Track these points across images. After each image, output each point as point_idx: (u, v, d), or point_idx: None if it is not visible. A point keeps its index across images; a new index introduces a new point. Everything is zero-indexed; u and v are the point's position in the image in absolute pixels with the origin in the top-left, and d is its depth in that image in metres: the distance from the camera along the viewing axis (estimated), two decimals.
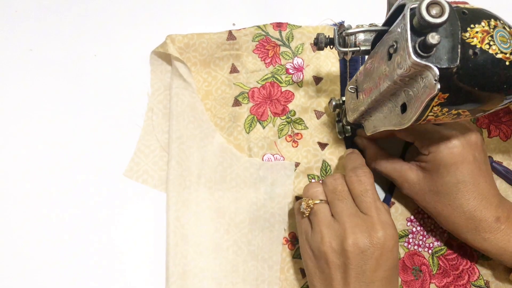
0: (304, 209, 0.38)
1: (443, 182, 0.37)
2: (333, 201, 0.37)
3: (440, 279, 0.42)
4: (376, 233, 0.34)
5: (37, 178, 0.45)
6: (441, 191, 0.37)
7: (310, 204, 0.38)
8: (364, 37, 0.34)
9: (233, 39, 0.47)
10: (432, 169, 0.37)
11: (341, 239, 0.35)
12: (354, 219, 0.35)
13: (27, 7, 0.49)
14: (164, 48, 0.45)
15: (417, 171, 0.39)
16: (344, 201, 0.37)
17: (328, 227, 0.36)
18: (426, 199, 0.39)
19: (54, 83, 0.47)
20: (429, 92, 0.27)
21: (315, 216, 0.37)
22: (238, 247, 0.43)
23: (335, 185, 0.38)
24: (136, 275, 0.43)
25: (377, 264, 0.34)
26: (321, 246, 0.35)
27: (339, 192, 0.37)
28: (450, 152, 0.36)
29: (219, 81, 0.47)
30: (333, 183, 0.38)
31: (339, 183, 0.38)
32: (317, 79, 0.47)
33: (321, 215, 0.37)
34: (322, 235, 0.36)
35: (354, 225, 0.35)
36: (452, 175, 0.36)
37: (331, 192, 0.38)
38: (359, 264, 0.34)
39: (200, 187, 0.44)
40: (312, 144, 0.46)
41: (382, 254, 0.34)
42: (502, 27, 0.27)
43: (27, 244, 0.43)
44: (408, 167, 0.40)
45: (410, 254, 0.43)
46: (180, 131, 0.44)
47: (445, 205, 0.38)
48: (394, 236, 0.35)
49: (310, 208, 0.38)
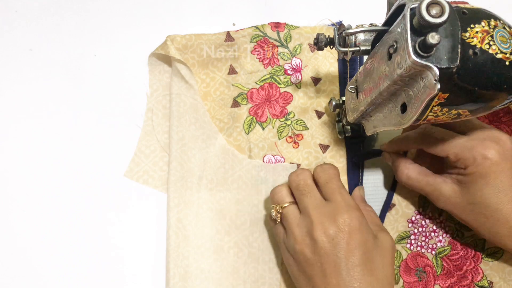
0: (275, 216, 0.38)
1: (482, 194, 0.35)
2: (299, 197, 0.37)
3: (444, 280, 0.42)
4: (342, 216, 0.35)
5: (37, 179, 0.45)
6: (481, 202, 0.36)
7: (278, 209, 0.38)
8: (364, 37, 0.34)
9: (231, 40, 0.46)
10: (470, 181, 0.36)
11: (311, 232, 0.35)
12: (320, 209, 0.36)
13: (27, 7, 0.49)
14: (165, 49, 0.45)
15: (452, 184, 0.37)
16: (308, 194, 0.37)
17: (298, 225, 0.36)
18: (465, 212, 0.37)
19: (54, 83, 0.47)
20: (429, 92, 0.27)
21: (286, 219, 0.37)
22: (239, 249, 0.43)
23: (297, 182, 0.38)
24: (136, 276, 0.43)
25: (348, 249, 0.34)
26: (296, 246, 0.36)
27: (302, 187, 0.38)
28: (487, 165, 0.35)
29: (218, 82, 0.47)
30: (295, 179, 0.38)
31: (301, 178, 0.38)
32: (315, 80, 0.47)
33: (290, 216, 0.37)
34: (295, 235, 0.36)
35: (321, 215, 0.35)
36: (492, 185, 0.35)
37: (295, 189, 0.38)
38: (333, 253, 0.34)
39: (202, 188, 0.44)
40: (313, 146, 0.45)
41: (351, 237, 0.34)
42: (502, 27, 0.27)
43: (27, 244, 0.43)
44: (442, 180, 0.38)
45: (413, 255, 0.43)
46: (182, 132, 0.44)
47: (487, 216, 0.36)
48: (358, 217, 0.35)
49: (280, 214, 0.38)
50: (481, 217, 0.37)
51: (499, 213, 0.36)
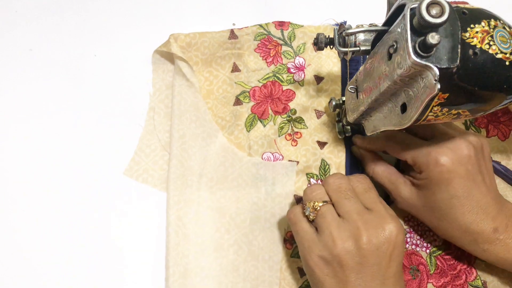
0: (310, 212, 0.36)
1: (436, 199, 0.36)
2: (340, 201, 0.36)
3: (438, 279, 0.42)
4: (388, 225, 0.34)
5: (37, 178, 0.45)
6: (435, 207, 0.37)
7: (316, 206, 0.36)
8: (364, 37, 0.34)
9: (235, 38, 0.47)
10: (424, 186, 0.37)
11: (355, 238, 0.33)
12: (364, 216, 0.34)
13: (27, 7, 0.49)
14: (167, 47, 0.45)
15: (410, 186, 0.38)
16: (351, 199, 0.36)
17: (338, 228, 0.34)
18: (421, 214, 0.39)
19: (54, 83, 0.47)
20: (429, 92, 0.27)
21: (323, 218, 0.35)
22: (238, 246, 0.43)
23: (339, 184, 0.37)
24: (136, 274, 0.43)
25: (390, 260, 0.34)
26: (334, 249, 0.34)
27: (345, 191, 0.36)
28: (439, 171, 0.35)
29: (221, 80, 0.47)
30: (336, 182, 0.37)
31: (343, 182, 0.37)
32: (318, 79, 0.47)
33: (329, 216, 0.35)
34: (334, 237, 0.34)
35: (366, 222, 0.34)
36: (444, 191, 0.36)
37: (336, 191, 0.36)
38: (375, 262, 0.33)
39: (202, 186, 0.44)
40: (311, 143, 0.46)
41: (395, 249, 0.34)
42: (502, 27, 0.27)
43: (27, 243, 0.43)
44: (403, 181, 0.39)
45: (407, 253, 0.43)
46: (183, 130, 0.44)
47: (441, 220, 0.37)
48: (403, 229, 0.35)
49: (316, 211, 0.36)
50: (435, 220, 0.38)
51: (452, 217, 0.36)
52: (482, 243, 0.36)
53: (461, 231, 0.37)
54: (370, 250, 0.33)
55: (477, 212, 0.36)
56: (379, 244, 0.33)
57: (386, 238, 0.33)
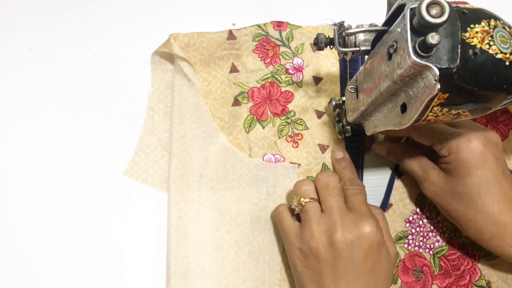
0: (295, 206, 0.39)
1: (465, 183, 0.36)
2: (325, 197, 0.38)
3: (442, 280, 0.42)
4: (365, 224, 0.35)
5: (37, 178, 0.45)
6: (464, 192, 0.36)
7: (302, 202, 0.38)
8: (364, 37, 0.34)
9: (233, 39, 0.47)
10: (454, 170, 0.36)
11: (331, 232, 0.35)
12: (344, 213, 0.36)
13: (27, 7, 0.49)
14: (168, 47, 0.45)
15: (439, 171, 0.38)
16: (336, 197, 0.37)
17: (318, 223, 0.36)
18: (448, 201, 0.37)
19: (54, 83, 0.47)
20: (429, 92, 0.27)
21: (306, 214, 0.38)
22: (239, 247, 0.43)
23: (327, 181, 0.39)
24: (137, 274, 0.43)
25: (365, 255, 0.35)
26: (311, 242, 0.36)
27: (331, 188, 0.38)
28: (471, 152, 0.35)
29: (219, 81, 0.47)
30: (325, 179, 0.39)
31: (332, 180, 0.39)
32: (316, 79, 0.47)
33: (312, 212, 0.37)
34: (312, 231, 0.36)
35: (343, 218, 0.36)
36: (474, 176, 0.35)
37: (324, 188, 0.38)
38: (348, 255, 0.35)
39: (202, 186, 0.44)
40: (313, 145, 0.46)
41: (371, 246, 0.35)
42: (502, 27, 0.27)
43: (27, 243, 0.43)
44: (432, 166, 0.39)
45: (410, 255, 0.43)
46: (184, 130, 0.44)
47: (468, 208, 0.36)
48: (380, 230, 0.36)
49: (301, 206, 0.38)
50: (462, 208, 0.37)
51: (480, 205, 0.36)
52: (509, 238, 0.35)
53: (489, 222, 0.35)
54: (344, 244, 0.34)
55: (505, 202, 0.35)
56: (353, 239, 0.35)
57: (360, 235, 0.35)
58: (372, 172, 0.45)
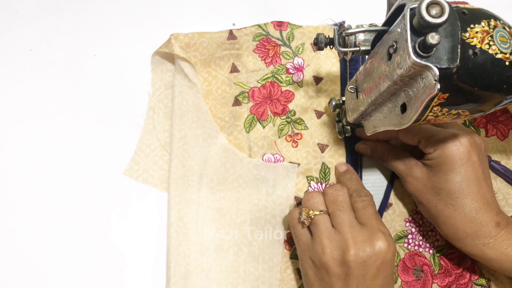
0: (305, 219, 0.38)
1: (447, 179, 0.36)
2: (334, 212, 0.37)
3: (442, 279, 0.42)
4: (378, 241, 0.35)
5: (37, 178, 0.45)
6: (444, 188, 0.37)
7: (311, 214, 0.38)
8: (364, 37, 0.34)
9: (234, 39, 0.47)
10: (438, 165, 0.37)
11: (343, 250, 0.35)
12: (355, 229, 0.36)
13: (27, 7, 0.49)
14: (169, 47, 0.45)
15: (422, 167, 0.39)
16: (345, 212, 0.37)
17: (329, 238, 0.36)
18: (429, 197, 0.38)
19: (54, 83, 0.47)
20: (429, 92, 0.27)
21: (316, 227, 0.37)
22: (238, 247, 0.43)
23: (335, 196, 0.38)
24: (137, 274, 0.43)
25: (377, 272, 0.35)
26: (322, 257, 0.35)
27: (340, 203, 0.38)
28: (456, 149, 0.36)
29: (220, 81, 0.47)
30: (334, 194, 0.38)
31: (340, 194, 0.38)
32: (317, 79, 0.47)
33: (321, 226, 0.37)
34: (323, 246, 0.36)
35: (355, 235, 0.35)
36: (457, 172, 0.36)
37: (332, 202, 0.38)
38: (360, 273, 0.34)
39: (202, 187, 0.44)
40: (312, 145, 0.46)
41: (383, 263, 0.35)
42: (502, 27, 0.27)
43: (27, 243, 0.44)
44: (415, 162, 0.40)
45: (410, 254, 0.43)
46: (184, 130, 0.44)
47: (447, 204, 0.37)
48: (394, 245, 0.36)
49: (311, 219, 0.38)
50: (441, 204, 0.37)
51: (459, 202, 0.36)
52: (483, 237, 0.36)
53: (465, 220, 0.36)
54: (357, 262, 0.34)
55: (483, 203, 0.36)
56: (366, 257, 0.34)
57: (374, 253, 0.35)
58: (372, 172, 0.45)
